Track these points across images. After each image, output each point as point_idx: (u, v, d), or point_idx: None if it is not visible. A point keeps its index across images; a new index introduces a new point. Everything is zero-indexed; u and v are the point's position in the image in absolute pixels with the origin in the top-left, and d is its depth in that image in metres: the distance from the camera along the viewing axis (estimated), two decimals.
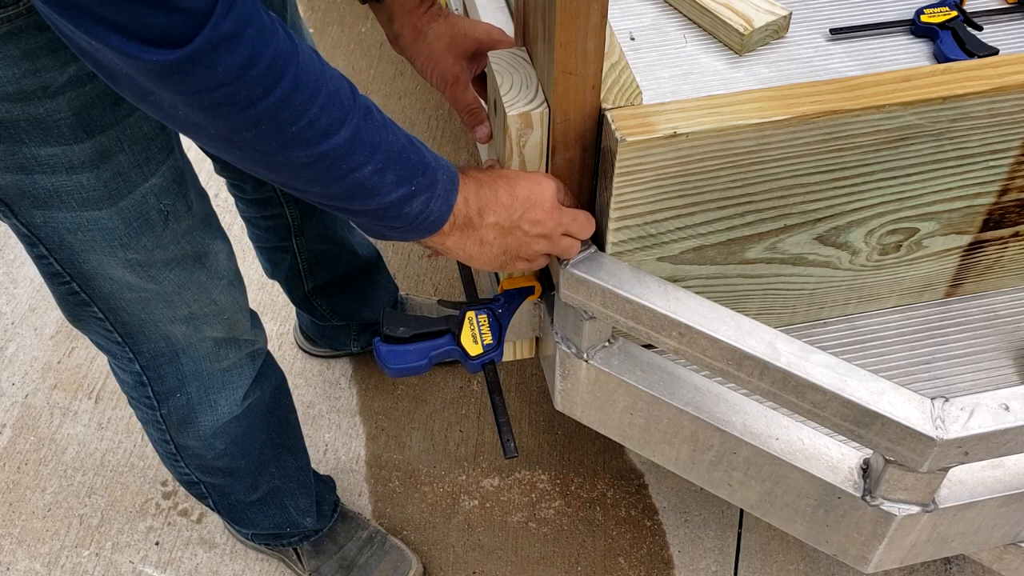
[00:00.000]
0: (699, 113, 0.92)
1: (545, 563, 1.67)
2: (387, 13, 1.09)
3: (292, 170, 0.79)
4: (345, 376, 1.93)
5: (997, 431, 0.85)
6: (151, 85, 0.70)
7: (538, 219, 0.94)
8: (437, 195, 0.87)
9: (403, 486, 1.77)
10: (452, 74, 1.08)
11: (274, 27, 0.72)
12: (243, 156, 0.78)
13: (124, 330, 1.15)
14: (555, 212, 0.94)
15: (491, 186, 0.92)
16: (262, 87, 0.71)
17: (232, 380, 1.27)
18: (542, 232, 0.94)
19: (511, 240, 0.94)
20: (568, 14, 0.83)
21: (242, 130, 0.73)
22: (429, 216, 0.87)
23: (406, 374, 1.04)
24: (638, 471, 1.78)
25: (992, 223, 1.14)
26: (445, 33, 1.08)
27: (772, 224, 1.05)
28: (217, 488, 1.43)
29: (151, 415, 1.27)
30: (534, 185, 0.94)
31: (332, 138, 0.77)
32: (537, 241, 0.95)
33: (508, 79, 0.96)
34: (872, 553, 1.01)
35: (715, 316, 0.92)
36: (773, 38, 1.45)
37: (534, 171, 0.99)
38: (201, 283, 1.13)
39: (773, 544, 1.68)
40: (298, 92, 0.74)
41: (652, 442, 1.10)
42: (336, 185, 0.81)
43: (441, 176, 0.87)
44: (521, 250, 0.95)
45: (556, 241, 0.96)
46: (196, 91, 0.69)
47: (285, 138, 0.75)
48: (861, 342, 1.22)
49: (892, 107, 0.94)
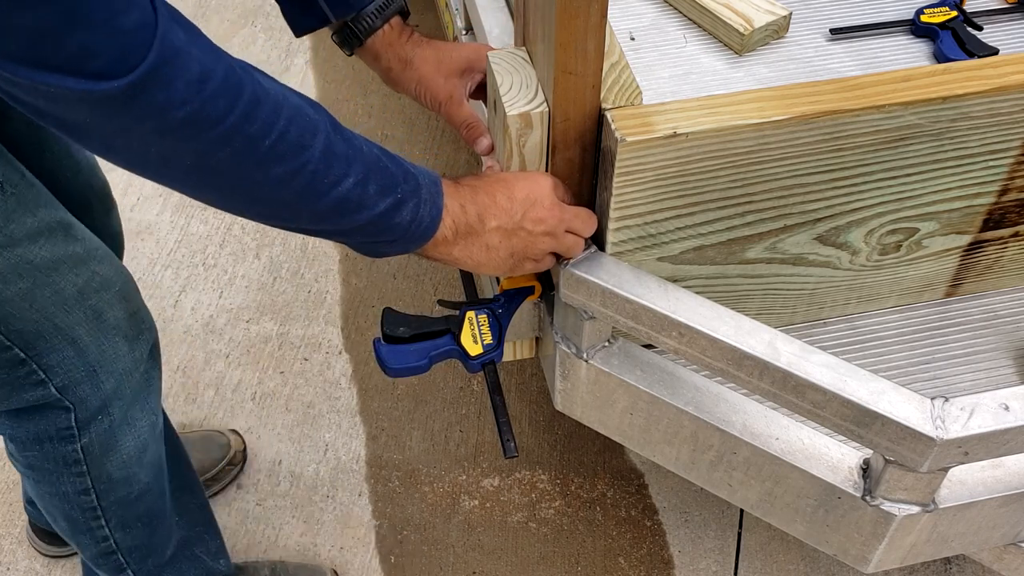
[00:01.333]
0: (699, 113, 0.92)
1: (545, 563, 1.67)
2: (372, 53, 1.10)
3: (275, 191, 0.78)
4: (345, 376, 1.93)
5: (997, 431, 0.85)
6: (115, 122, 0.69)
7: (540, 217, 0.94)
8: (424, 200, 0.86)
9: (403, 486, 1.77)
10: (445, 93, 1.09)
11: (220, 51, 0.72)
12: (224, 184, 0.77)
13: (23, 341, 1.03)
14: (556, 209, 0.94)
15: (488, 191, 0.92)
16: (224, 100, 0.71)
17: (144, 391, 1.18)
18: (546, 230, 0.94)
19: (516, 242, 0.94)
20: (568, 14, 0.84)
21: (216, 151, 0.73)
22: (421, 222, 0.87)
23: (406, 374, 1.04)
24: (638, 471, 1.78)
25: (992, 223, 1.14)
26: (431, 57, 1.09)
27: (772, 224, 1.05)
28: (136, 552, 1.30)
29: (70, 455, 1.15)
30: (532, 184, 0.94)
31: (307, 151, 0.77)
32: (542, 239, 0.95)
33: (508, 79, 0.96)
34: (872, 553, 1.01)
35: (715, 316, 0.92)
36: (773, 38, 1.45)
37: (531, 171, 0.99)
38: (78, 256, 1.05)
39: (773, 544, 1.68)
40: (261, 105, 0.73)
41: (652, 442, 1.10)
42: (321, 202, 0.80)
43: (423, 181, 0.87)
44: (528, 250, 0.95)
45: (560, 238, 0.96)
46: (160, 112, 0.68)
47: (260, 154, 0.75)
48: (861, 342, 1.22)
49: (892, 107, 0.94)
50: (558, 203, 0.95)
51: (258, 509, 1.74)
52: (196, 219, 2.21)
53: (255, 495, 1.76)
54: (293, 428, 1.84)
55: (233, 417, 1.86)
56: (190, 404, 1.87)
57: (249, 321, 2.01)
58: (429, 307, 2.03)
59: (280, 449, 1.82)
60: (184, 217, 2.21)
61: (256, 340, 1.98)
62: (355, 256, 2.12)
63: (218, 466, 1.72)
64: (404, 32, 1.10)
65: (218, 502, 1.74)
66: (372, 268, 2.10)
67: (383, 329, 1.04)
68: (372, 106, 2.43)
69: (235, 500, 1.75)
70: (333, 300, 2.05)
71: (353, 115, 2.41)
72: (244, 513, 1.73)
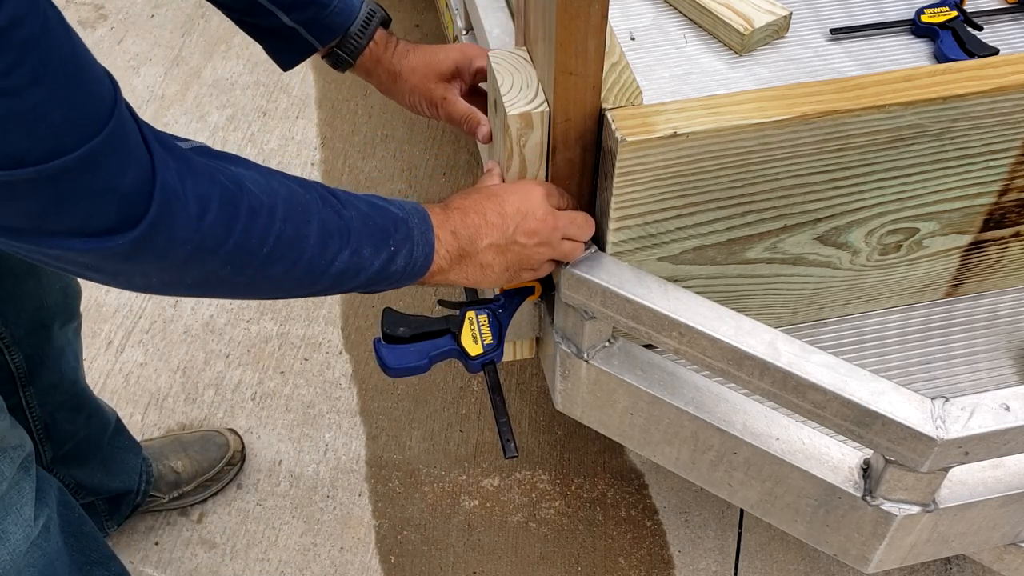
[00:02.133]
0: (699, 113, 0.92)
1: (545, 563, 1.67)
2: (363, 70, 1.12)
3: (276, 284, 0.80)
4: (345, 376, 1.93)
5: (997, 431, 0.85)
6: (121, 267, 0.70)
7: (533, 229, 0.94)
8: (416, 242, 0.88)
9: (403, 486, 1.77)
10: (438, 97, 1.10)
11: (210, 168, 0.73)
12: (225, 292, 0.79)
13: None
14: (549, 219, 0.94)
15: (478, 210, 0.93)
16: (223, 227, 0.72)
17: (15, 501, 1.12)
18: (540, 241, 0.95)
19: (511, 256, 0.95)
20: (568, 14, 0.83)
21: (218, 270, 0.74)
22: (416, 263, 0.89)
23: (406, 374, 1.04)
24: (638, 471, 1.78)
25: (992, 223, 1.14)
26: (419, 65, 1.10)
27: (772, 224, 1.05)
28: None
29: None
30: (523, 197, 0.94)
31: (303, 241, 0.78)
32: (537, 250, 0.95)
33: (508, 79, 0.96)
34: (872, 553, 1.01)
35: (715, 316, 0.92)
36: (773, 38, 1.45)
37: (522, 180, 0.99)
38: None
39: (773, 544, 1.68)
40: (257, 216, 0.74)
41: (652, 442, 1.10)
42: (320, 281, 0.82)
43: (413, 222, 0.88)
44: (524, 262, 0.96)
45: (556, 246, 0.96)
46: (163, 255, 0.70)
47: (259, 261, 0.76)
48: (861, 342, 1.22)
49: (892, 107, 0.94)
50: (551, 212, 0.95)
51: (258, 509, 1.74)
52: None
53: (255, 495, 1.76)
54: (293, 428, 1.84)
55: (233, 417, 1.86)
56: (190, 404, 1.87)
57: (249, 321, 2.01)
58: (429, 307, 2.03)
59: (280, 449, 1.81)
60: None
61: (256, 340, 1.98)
62: None
63: (217, 466, 1.72)
64: (390, 44, 1.11)
65: (218, 502, 1.74)
66: None
67: (383, 329, 1.04)
68: (372, 106, 2.42)
69: (235, 500, 1.75)
70: (333, 300, 2.05)
71: (353, 115, 2.41)
72: (244, 513, 1.73)
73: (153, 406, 1.88)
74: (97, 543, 1.33)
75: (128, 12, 2.73)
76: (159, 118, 2.43)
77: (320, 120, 2.42)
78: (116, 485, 1.59)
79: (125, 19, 2.71)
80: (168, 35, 2.65)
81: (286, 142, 2.37)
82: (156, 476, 1.68)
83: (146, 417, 1.86)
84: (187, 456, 1.71)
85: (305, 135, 2.38)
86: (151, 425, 1.85)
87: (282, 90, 2.49)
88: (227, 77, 2.53)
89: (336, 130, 2.39)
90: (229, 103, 2.47)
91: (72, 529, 1.26)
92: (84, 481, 1.52)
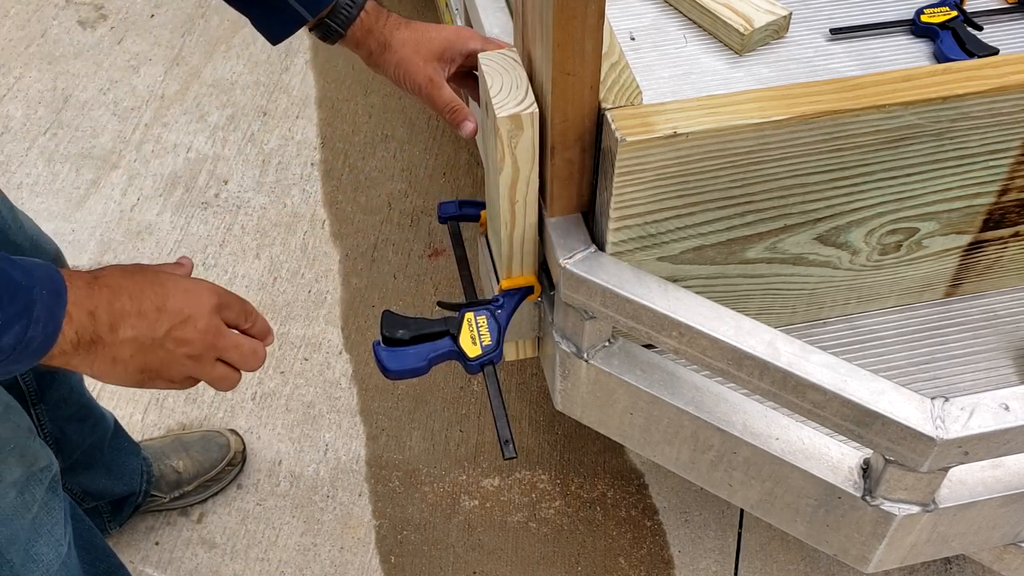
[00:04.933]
0: (699, 113, 0.92)
1: (545, 563, 1.67)
2: (353, 41, 1.08)
3: None
4: (345, 376, 1.93)
5: (997, 431, 0.85)
6: None
7: (186, 338, 0.82)
8: (36, 318, 0.73)
9: (403, 486, 1.77)
10: (424, 76, 1.06)
11: None
12: None
13: None
14: (209, 333, 0.84)
15: (133, 295, 0.80)
16: None
17: (46, 522, 1.11)
18: (189, 352, 0.83)
19: (152, 359, 0.82)
20: (565, 15, 0.83)
21: None
22: (31, 344, 0.73)
23: (405, 377, 1.04)
24: (638, 471, 1.78)
25: (992, 223, 1.14)
26: (410, 39, 1.06)
27: (772, 224, 1.05)
28: None
29: None
30: (192, 298, 0.83)
31: None
32: (183, 362, 0.83)
33: (498, 81, 0.95)
34: (872, 553, 1.01)
35: (715, 316, 0.92)
36: (773, 38, 1.45)
37: (202, 281, 0.87)
38: None
39: (773, 544, 1.68)
40: None
41: (652, 442, 1.10)
42: None
43: (38, 294, 0.74)
44: (164, 370, 0.83)
45: (206, 366, 0.85)
46: None
47: None
48: (861, 342, 1.22)
49: (892, 107, 0.94)
50: (216, 326, 0.84)
51: (258, 509, 1.74)
52: (196, 219, 2.21)
53: (255, 495, 1.76)
54: (293, 428, 1.84)
55: (233, 417, 1.86)
56: (190, 404, 1.87)
57: None
58: (429, 307, 2.03)
59: (280, 449, 1.82)
60: (184, 217, 2.21)
61: None
62: (355, 256, 2.13)
63: (218, 467, 1.72)
64: (381, 15, 1.07)
65: (218, 502, 1.74)
66: (372, 268, 2.10)
67: (382, 332, 1.03)
68: (372, 106, 2.43)
69: (235, 500, 1.75)
70: (333, 300, 2.05)
71: (353, 115, 2.42)
72: (244, 513, 1.73)
73: (153, 406, 1.88)
74: (107, 554, 1.33)
75: (128, 12, 2.73)
76: (159, 118, 2.44)
77: (320, 120, 2.42)
78: (119, 488, 1.60)
79: (125, 19, 2.71)
80: (168, 35, 2.65)
81: (286, 142, 2.37)
82: (157, 476, 1.68)
83: (146, 417, 1.86)
84: (189, 456, 1.71)
85: (305, 135, 2.39)
86: (151, 425, 1.85)
87: (282, 90, 2.49)
88: (227, 77, 2.53)
89: (336, 130, 2.39)
90: (229, 103, 2.47)
91: (83, 542, 1.26)
92: (89, 487, 1.53)
